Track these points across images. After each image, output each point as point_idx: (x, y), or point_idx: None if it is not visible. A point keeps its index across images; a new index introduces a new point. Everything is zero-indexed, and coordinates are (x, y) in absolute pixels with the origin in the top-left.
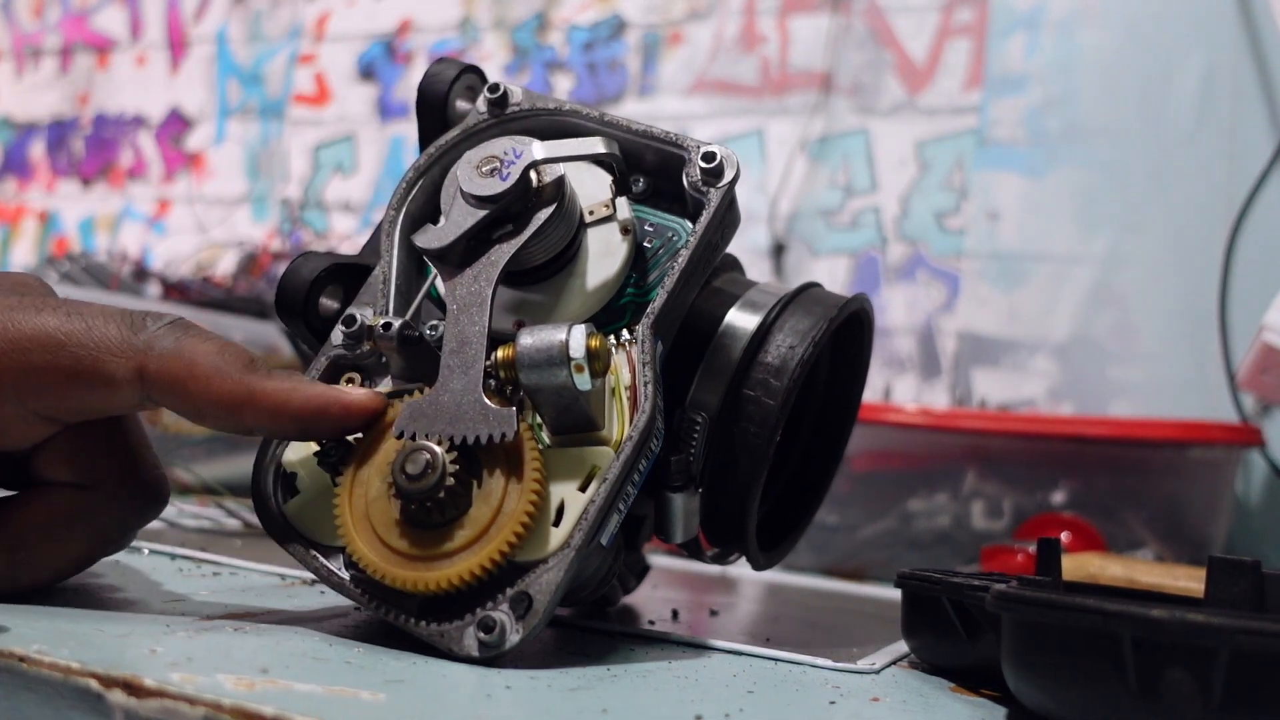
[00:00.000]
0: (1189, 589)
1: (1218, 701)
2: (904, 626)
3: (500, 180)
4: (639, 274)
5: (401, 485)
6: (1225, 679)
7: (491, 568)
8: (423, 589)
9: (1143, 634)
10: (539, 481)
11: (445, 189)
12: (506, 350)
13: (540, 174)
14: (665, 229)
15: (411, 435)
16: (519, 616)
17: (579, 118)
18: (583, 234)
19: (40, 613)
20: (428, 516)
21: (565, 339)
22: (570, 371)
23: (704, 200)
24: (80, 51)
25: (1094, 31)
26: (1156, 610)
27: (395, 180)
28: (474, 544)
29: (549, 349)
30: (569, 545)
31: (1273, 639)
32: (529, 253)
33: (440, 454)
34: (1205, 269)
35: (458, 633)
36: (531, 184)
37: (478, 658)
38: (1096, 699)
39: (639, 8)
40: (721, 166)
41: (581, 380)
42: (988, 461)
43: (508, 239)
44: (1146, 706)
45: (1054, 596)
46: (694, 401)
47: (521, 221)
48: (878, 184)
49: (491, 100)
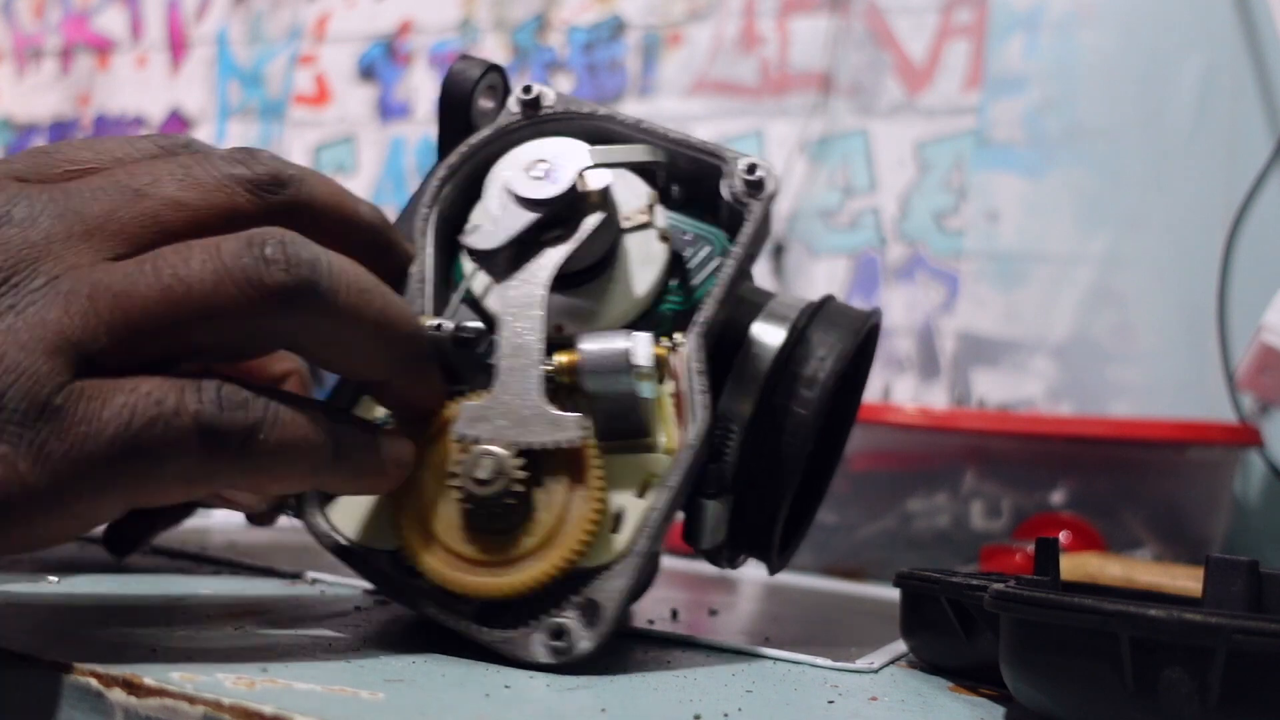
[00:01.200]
0: (1188, 589)
1: (1215, 701)
2: (903, 626)
3: (551, 184)
4: (680, 281)
5: (471, 490)
6: (1222, 678)
7: (558, 574)
8: (492, 595)
9: (1140, 633)
10: (602, 488)
11: (488, 188)
12: (571, 356)
13: (585, 178)
14: (703, 238)
15: (474, 440)
16: (588, 624)
17: (615, 123)
18: (620, 239)
19: (40, 611)
20: (491, 522)
21: (630, 346)
22: (634, 379)
23: (745, 211)
24: (81, 52)
25: (1093, 32)
26: (1155, 609)
27: (396, 181)
28: (540, 550)
29: (615, 356)
30: (634, 551)
31: (1269, 638)
32: (575, 257)
33: (507, 459)
34: (1204, 269)
35: (524, 639)
36: (578, 188)
37: (548, 664)
38: (1094, 698)
39: (639, 9)
40: (763, 179)
41: (646, 388)
42: (987, 461)
43: (556, 243)
44: (1143, 705)
45: (1052, 596)
46: (725, 410)
47: (570, 226)
48: (877, 184)
49: (525, 101)
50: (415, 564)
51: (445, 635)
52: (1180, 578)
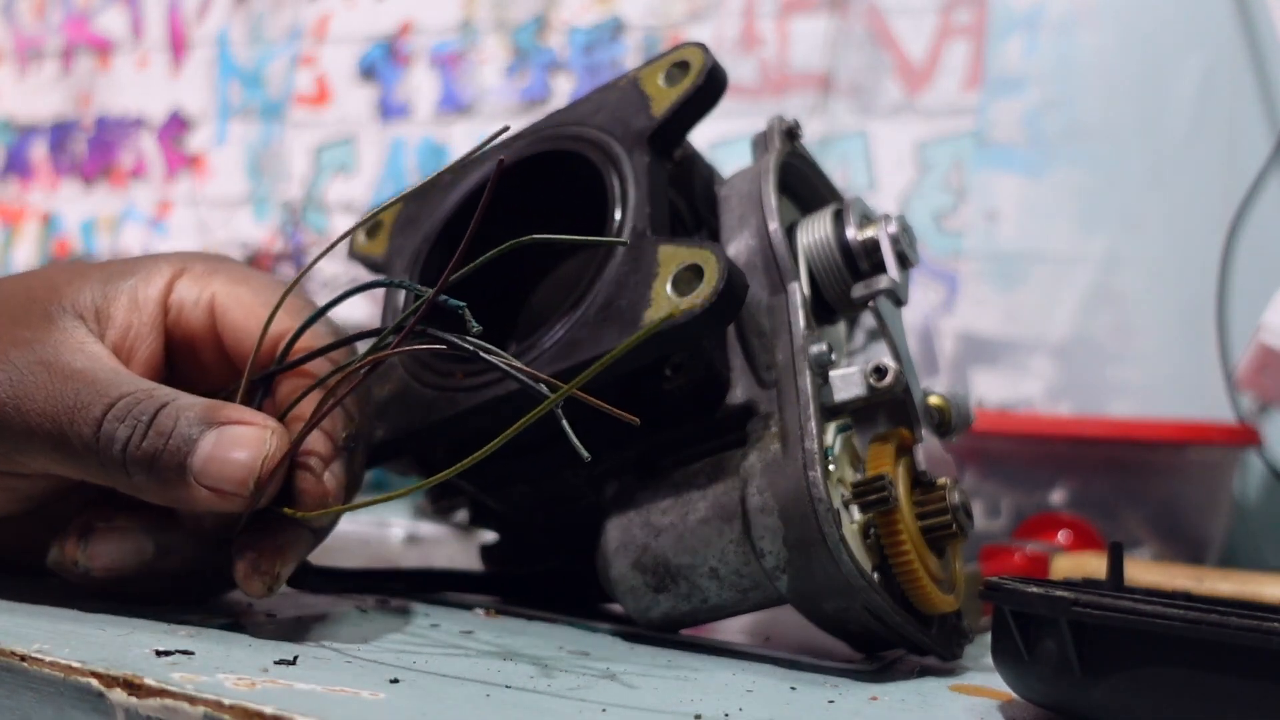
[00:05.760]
0: (1186, 588)
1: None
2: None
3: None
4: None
5: (961, 522)
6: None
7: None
8: (944, 610)
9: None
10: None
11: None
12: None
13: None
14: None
15: (935, 478)
16: (963, 642)
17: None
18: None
19: (41, 612)
20: (936, 545)
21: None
22: None
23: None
24: (82, 53)
25: (1092, 32)
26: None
27: (397, 181)
28: (955, 573)
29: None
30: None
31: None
32: None
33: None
34: (1203, 269)
35: (942, 638)
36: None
37: (953, 658)
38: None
39: (639, 9)
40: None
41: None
42: (986, 461)
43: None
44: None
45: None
46: None
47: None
48: (876, 185)
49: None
50: (917, 581)
51: (445, 635)
52: (1179, 577)
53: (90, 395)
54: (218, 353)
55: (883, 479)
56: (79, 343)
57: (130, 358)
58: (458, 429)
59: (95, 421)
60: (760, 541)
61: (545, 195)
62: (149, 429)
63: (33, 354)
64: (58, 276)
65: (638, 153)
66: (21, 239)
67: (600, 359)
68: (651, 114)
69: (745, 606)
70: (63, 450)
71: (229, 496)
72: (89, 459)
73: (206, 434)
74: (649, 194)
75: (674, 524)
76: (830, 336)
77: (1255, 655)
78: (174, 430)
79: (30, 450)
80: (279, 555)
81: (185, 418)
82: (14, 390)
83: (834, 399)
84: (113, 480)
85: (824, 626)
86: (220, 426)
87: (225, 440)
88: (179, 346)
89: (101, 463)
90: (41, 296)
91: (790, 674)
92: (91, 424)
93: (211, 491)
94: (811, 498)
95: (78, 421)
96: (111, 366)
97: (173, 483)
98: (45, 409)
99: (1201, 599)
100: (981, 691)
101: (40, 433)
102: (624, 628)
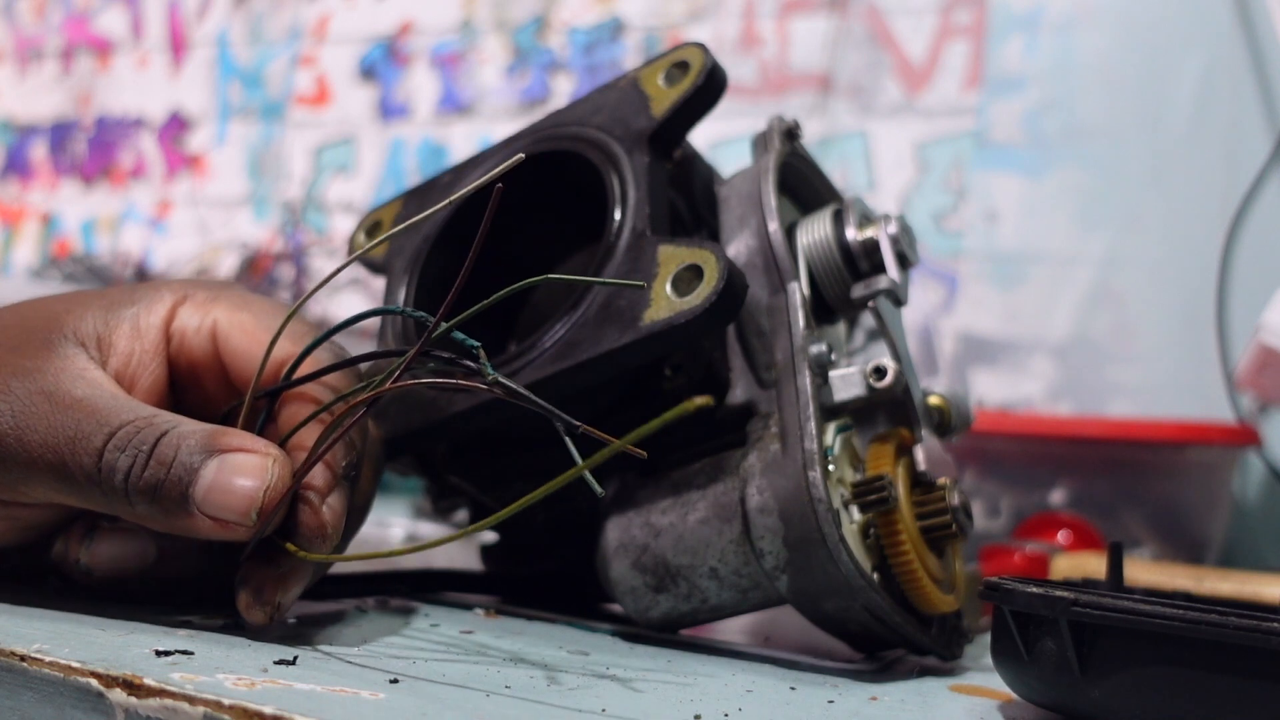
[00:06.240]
0: (1186, 588)
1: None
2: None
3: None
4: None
5: (961, 522)
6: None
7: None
8: (944, 609)
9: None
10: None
11: (882, 241)
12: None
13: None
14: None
15: (935, 479)
16: (963, 642)
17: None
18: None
19: (41, 613)
20: (936, 545)
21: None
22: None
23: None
24: (82, 53)
25: (1092, 33)
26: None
27: (396, 181)
28: (955, 573)
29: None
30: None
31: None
32: None
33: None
34: (1203, 269)
35: (942, 638)
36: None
37: (953, 658)
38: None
39: (639, 10)
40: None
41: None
42: (986, 461)
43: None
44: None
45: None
46: None
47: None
48: (876, 185)
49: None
50: (916, 581)
51: (445, 636)
52: (1179, 577)
53: (91, 425)
54: (221, 379)
55: (882, 479)
56: (80, 370)
57: (133, 385)
58: (459, 429)
59: (96, 452)
60: (760, 541)
61: (545, 195)
62: (150, 458)
63: (34, 383)
64: (58, 305)
65: (637, 153)
66: (21, 239)
67: (600, 359)
68: (651, 114)
69: (745, 607)
70: (65, 481)
71: (233, 527)
72: (91, 489)
73: (208, 462)
74: (649, 194)
75: (673, 524)
76: (830, 336)
77: (1255, 655)
78: (175, 459)
79: (33, 481)
80: (281, 584)
81: (186, 445)
82: (15, 421)
83: (834, 399)
84: (117, 510)
85: (824, 626)
86: (222, 455)
87: (228, 468)
88: (183, 374)
89: (104, 493)
90: (42, 325)
91: (790, 674)
92: (93, 454)
93: (215, 521)
94: (811, 498)
95: (79, 452)
96: (112, 393)
97: (176, 513)
98: (47, 440)
99: (1201, 599)
100: (981, 691)
101: (42, 463)
102: (624, 628)
